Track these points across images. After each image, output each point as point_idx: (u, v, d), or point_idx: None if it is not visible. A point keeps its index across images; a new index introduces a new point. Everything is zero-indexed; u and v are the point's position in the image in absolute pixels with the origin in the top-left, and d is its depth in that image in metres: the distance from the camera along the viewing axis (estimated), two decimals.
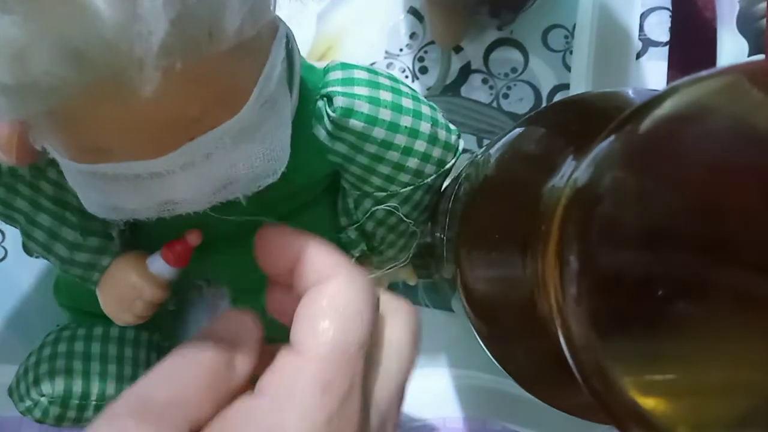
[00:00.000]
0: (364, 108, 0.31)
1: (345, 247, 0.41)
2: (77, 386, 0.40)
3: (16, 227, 0.37)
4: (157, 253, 0.36)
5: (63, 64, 0.20)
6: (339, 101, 0.31)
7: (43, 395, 0.39)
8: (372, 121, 0.32)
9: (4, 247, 0.48)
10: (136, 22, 0.19)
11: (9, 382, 0.41)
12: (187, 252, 0.35)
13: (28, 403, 0.39)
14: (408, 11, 0.51)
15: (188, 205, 0.28)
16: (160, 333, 0.45)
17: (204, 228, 0.34)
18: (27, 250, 0.48)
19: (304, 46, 0.50)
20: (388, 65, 0.50)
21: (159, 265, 0.36)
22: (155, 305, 0.37)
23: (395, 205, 0.36)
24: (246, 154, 0.27)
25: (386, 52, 0.51)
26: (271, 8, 0.25)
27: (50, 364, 0.39)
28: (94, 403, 0.40)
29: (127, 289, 0.36)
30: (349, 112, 0.31)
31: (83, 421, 0.41)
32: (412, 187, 0.35)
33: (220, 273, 0.43)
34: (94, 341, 0.41)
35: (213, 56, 0.22)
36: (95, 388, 0.40)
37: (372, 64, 0.50)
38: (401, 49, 0.51)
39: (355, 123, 0.31)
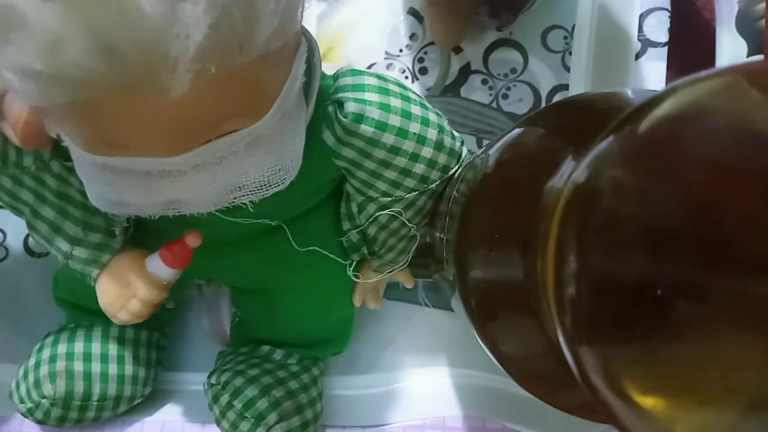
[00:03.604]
0: (375, 114, 0.32)
1: (346, 250, 0.41)
2: (79, 387, 0.40)
3: (23, 218, 0.37)
4: (155, 253, 0.36)
5: (95, 58, 0.20)
6: (350, 107, 0.31)
7: (44, 397, 0.39)
8: (382, 126, 0.32)
9: (5, 247, 0.48)
10: (175, 25, 0.20)
11: (9, 382, 0.41)
12: (186, 253, 0.35)
13: (30, 405, 0.39)
14: (408, 12, 0.51)
15: (194, 206, 0.28)
16: (159, 332, 0.45)
17: (208, 229, 0.34)
18: (29, 250, 0.48)
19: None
20: (388, 66, 0.50)
21: (157, 266, 0.35)
22: (152, 306, 0.37)
23: (399, 209, 0.36)
24: (258, 163, 0.28)
25: (386, 52, 0.51)
26: (298, 21, 0.25)
27: (51, 366, 0.40)
28: (95, 403, 0.40)
29: (124, 287, 0.36)
30: (360, 118, 0.31)
31: (85, 421, 0.41)
32: (416, 192, 0.35)
33: (221, 273, 0.43)
34: (93, 341, 0.41)
35: (241, 64, 0.23)
36: (96, 389, 0.40)
37: (372, 64, 0.50)
38: (401, 50, 0.51)
39: (365, 128, 0.32)
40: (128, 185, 0.27)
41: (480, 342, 0.30)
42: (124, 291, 0.36)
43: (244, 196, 0.29)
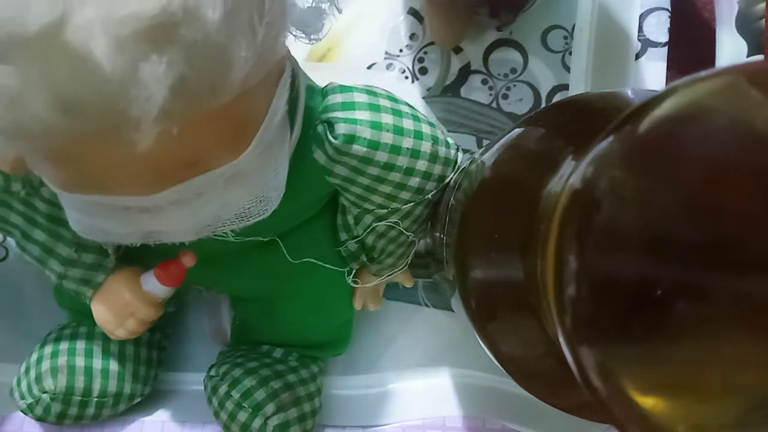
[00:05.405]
0: (367, 133, 0.31)
1: (345, 259, 0.41)
2: (79, 383, 0.40)
3: (14, 239, 0.37)
4: (150, 272, 0.36)
5: (57, 113, 0.19)
6: (341, 128, 0.31)
7: (45, 392, 0.39)
8: (374, 145, 0.31)
9: (5, 247, 0.48)
10: (135, 86, 0.19)
11: (10, 381, 0.41)
12: (181, 272, 0.35)
13: (30, 400, 0.39)
14: (408, 12, 0.51)
15: (175, 236, 0.28)
16: (161, 332, 0.45)
17: (203, 244, 0.34)
18: None
19: (305, 47, 0.51)
20: (388, 66, 0.50)
21: (152, 284, 0.35)
22: (148, 323, 0.37)
23: (396, 220, 0.36)
24: (238, 196, 0.27)
25: (386, 52, 0.51)
26: (280, 48, 0.24)
27: (52, 361, 0.40)
28: (95, 399, 0.40)
29: (120, 306, 0.36)
30: (351, 138, 0.31)
31: (84, 418, 0.41)
32: (413, 203, 0.35)
33: (219, 283, 0.43)
34: (96, 339, 0.41)
35: (215, 107, 0.22)
36: (97, 385, 0.40)
37: (372, 64, 0.50)
38: (401, 50, 0.51)
39: (357, 148, 0.31)
40: (108, 216, 0.26)
41: (480, 342, 0.30)
42: (121, 310, 0.36)
43: (225, 226, 0.28)
